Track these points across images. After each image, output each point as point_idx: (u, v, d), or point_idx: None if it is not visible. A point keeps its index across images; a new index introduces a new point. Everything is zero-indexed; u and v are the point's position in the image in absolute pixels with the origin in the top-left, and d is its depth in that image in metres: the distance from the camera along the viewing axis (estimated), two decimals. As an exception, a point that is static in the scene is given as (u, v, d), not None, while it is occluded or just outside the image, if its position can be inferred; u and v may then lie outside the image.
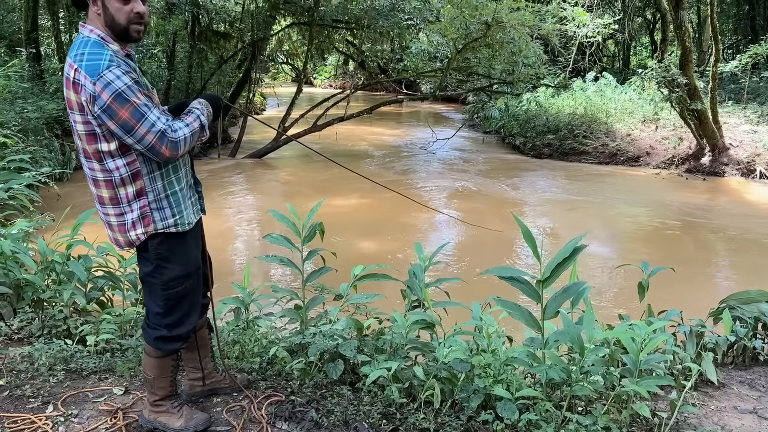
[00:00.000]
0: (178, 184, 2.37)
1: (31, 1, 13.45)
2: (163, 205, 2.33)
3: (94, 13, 2.20)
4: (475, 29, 12.13)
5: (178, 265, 2.38)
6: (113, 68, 2.10)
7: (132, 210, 2.29)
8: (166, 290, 2.39)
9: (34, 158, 8.44)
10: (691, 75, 11.95)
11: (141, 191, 2.28)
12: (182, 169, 2.40)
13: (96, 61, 2.11)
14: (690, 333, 3.54)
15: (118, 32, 2.21)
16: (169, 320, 2.42)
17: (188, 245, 2.44)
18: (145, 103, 2.14)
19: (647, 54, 24.93)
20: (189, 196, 2.45)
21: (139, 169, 2.25)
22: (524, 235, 2.76)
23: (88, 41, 2.17)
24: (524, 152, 15.43)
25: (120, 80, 2.10)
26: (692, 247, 8.34)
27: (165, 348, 2.43)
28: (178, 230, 2.36)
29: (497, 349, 2.88)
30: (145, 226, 2.31)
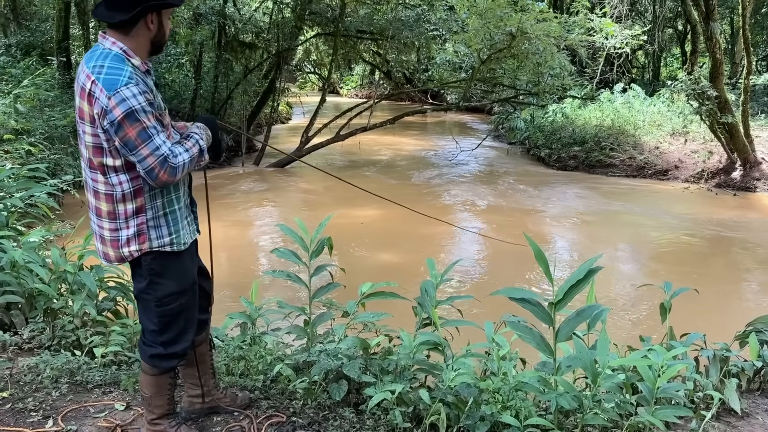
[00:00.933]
0: (177, 203, 2.35)
1: (63, 11, 13.74)
2: (161, 223, 2.30)
3: (143, 29, 2.21)
4: (499, 40, 12.04)
5: (172, 281, 2.34)
6: (131, 86, 2.09)
7: (128, 227, 2.27)
8: (160, 307, 2.35)
9: (58, 165, 8.56)
10: (721, 87, 11.68)
11: (141, 208, 2.26)
12: (181, 188, 2.39)
13: (115, 76, 2.09)
14: (713, 358, 3.39)
15: (157, 48, 2.31)
16: (165, 338, 2.38)
17: (183, 262, 2.40)
18: (155, 125, 2.13)
19: (678, 65, 24.52)
20: (186, 216, 2.42)
21: (142, 186, 2.24)
22: (536, 255, 2.66)
23: (109, 54, 2.15)
24: (549, 164, 15.23)
25: (135, 99, 2.08)
26: (720, 266, 8.10)
27: (161, 366, 2.39)
28: (173, 249, 2.33)
29: (507, 372, 2.77)
30: (140, 243, 2.28)
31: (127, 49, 2.19)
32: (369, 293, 3.10)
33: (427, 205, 10.89)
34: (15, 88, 9.76)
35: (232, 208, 10.02)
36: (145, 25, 2.21)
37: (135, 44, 2.21)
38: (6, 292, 3.83)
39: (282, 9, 15.62)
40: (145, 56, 2.28)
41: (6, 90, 9.88)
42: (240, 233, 8.80)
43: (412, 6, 16.20)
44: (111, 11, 2.18)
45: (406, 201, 11.06)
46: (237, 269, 7.33)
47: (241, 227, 9.10)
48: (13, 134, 7.80)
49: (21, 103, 8.90)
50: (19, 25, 16.34)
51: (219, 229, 8.36)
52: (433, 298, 3.19)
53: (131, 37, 2.20)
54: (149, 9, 2.19)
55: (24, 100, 9.30)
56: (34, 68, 12.14)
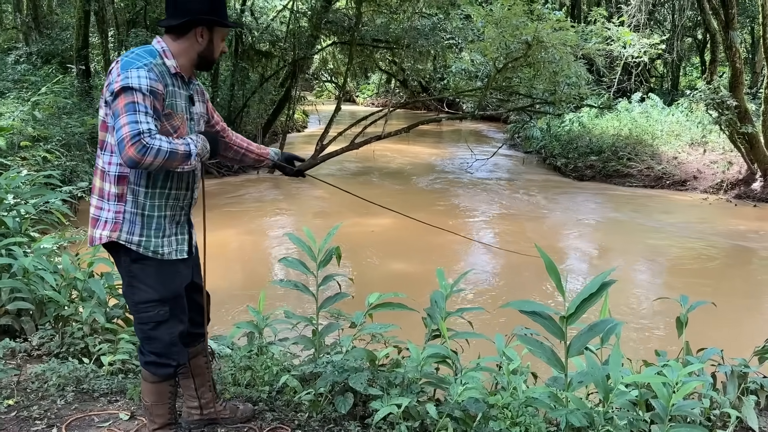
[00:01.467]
0: (158, 211, 2.36)
1: (83, 20, 13.91)
2: (136, 221, 2.32)
3: (192, 40, 2.34)
4: (515, 49, 11.98)
5: (149, 288, 2.34)
6: (142, 70, 2.17)
7: (109, 210, 2.32)
8: (138, 313, 2.37)
9: (74, 172, 8.62)
10: (741, 97, 11.52)
11: (122, 196, 2.31)
12: (170, 203, 2.39)
13: (134, 60, 2.21)
14: (731, 374, 3.30)
15: (203, 62, 2.40)
16: (153, 349, 2.38)
17: (165, 272, 2.38)
18: (147, 107, 2.15)
19: (697, 75, 24.28)
20: (172, 231, 2.43)
21: (127, 176, 2.29)
22: (547, 267, 2.60)
23: (147, 47, 2.32)
24: (566, 174, 15.11)
25: (138, 79, 2.15)
26: (739, 279, 7.94)
27: (158, 373, 2.39)
28: (139, 252, 2.33)
29: (518, 387, 2.71)
30: (111, 230, 2.31)
31: (167, 50, 2.32)
32: (376, 304, 3.06)
33: (440, 214, 10.84)
34: (34, 96, 9.88)
35: (244, 215, 10.03)
36: (194, 37, 2.34)
37: (179, 50, 2.34)
38: (17, 299, 3.84)
39: (299, 18, 15.70)
40: (190, 66, 2.39)
41: (25, 97, 10.01)
42: (252, 241, 8.80)
43: (428, 15, 16.22)
44: (168, 18, 2.35)
45: (419, 209, 11.08)
46: (248, 277, 7.31)
47: (253, 235, 9.10)
48: (30, 141, 7.88)
49: (39, 110, 9.00)
50: (40, 34, 16.57)
51: (231, 236, 8.37)
52: (443, 309, 3.14)
53: (178, 43, 2.34)
54: (199, 22, 2.32)
55: (42, 108, 9.39)
56: (54, 76, 12.30)
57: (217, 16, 2.36)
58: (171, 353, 2.39)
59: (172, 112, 2.28)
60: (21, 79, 12.45)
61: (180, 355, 2.43)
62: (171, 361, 2.40)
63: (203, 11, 2.32)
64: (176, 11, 2.32)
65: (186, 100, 2.39)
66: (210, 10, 2.33)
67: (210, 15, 2.33)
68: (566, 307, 2.56)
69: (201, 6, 2.32)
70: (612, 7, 20.47)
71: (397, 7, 15.73)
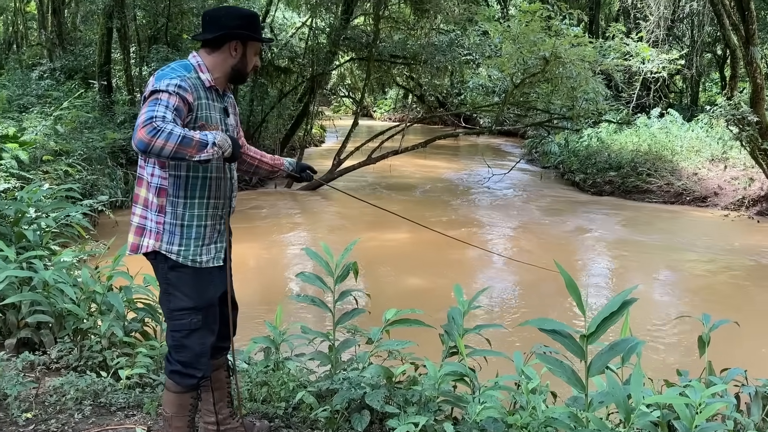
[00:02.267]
0: (197, 220, 2.42)
1: (105, 36, 14.15)
2: (175, 231, 2.39)
3: (226, 54, 2.42)
4: (533, 64, 11.98)
5: (184, 296, 2.40)
6: (174, 80, 2.25)
7: (152, 220, 2.40)
8: (172, 320, 2.43)
9: (95, 186, 8.73)
10: (762, 113, 11.38)
11: (162, 208, 2.38)
12: (210, 212, 2.46)
13: (169, 73, 2.29)
14: (755, 395, 3.22)
15: (237, 76, 2.48)
16: (180, 357, 2.42)
17: (201, 280, 2.44)
18: (169, 103, 2.19)
19: (717, 90, 24.08)
20: (212, 240, 2.48)
21: (166, 189, 2.37)
22: (567, 285, 2.57)
23: (182, 62, 2.41)
24: (584, 189, 15.01)
25: (170, 85, 2.23)
26: (762, 298, 7.80)
27: (182, 383, 2.41)
28: (178, 261, 2.39)
29: (537, 407, 2.67)
30: (155, 240, 2.39)
31: (202, 64, 2.41)
32: (393, 320, 3.04)
33: (457, 228, 10.80)
34: (56, 110, 10.05)
35: (262, 229, 10.07)
36: (228, 51, 2.42)
37: (214, 64, 2.42)
38: (36, 312, 3.88)
39: (317, 35, 15.84)
40: (224, 80, 2.47)
41: (48, 112, 10.18)
42: (268, 255, 8.82)
43: (445, 31, 16.29)
44: (203, 32, 2.44)
45: (436, 223, 11.06)
46: (265, 291, 7.32)
47: (269, 249, 9.12)
48: (52, 155, 8.00)
49: (61, 124, 9.14)
50: (64, 50, 16.88)
51: (248, 249, 8.40)
52: (460, 326, 3.11)
53: (212, 57, 2.42)
54: (233, 36, 2.40)
55: (64, 122, 9.55)
56: (76, 91, 12.50)
57: (250, 31, 2.44)
58: (198, 363, 2.43)
59: (205, 124, 2.35)
60: (44, 95, 12.68)
61: (206, 367, 2.47)
62: (196, 371, 2.43)
63: (237, 26, 2.40)
64: (211, 26, 2.41)
65: (221, 113, 2.47)
66: (244, 26, 2.42)
67: (244, 30, 2.41)
68: (586, 325, 2.52)
69: (235, 21, 2.41)
70: (630, 23, 20.42)
71: (414, 23, 15.83)
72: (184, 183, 2.37)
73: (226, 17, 2.42)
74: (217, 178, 2.45)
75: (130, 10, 13.67)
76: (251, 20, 2.47)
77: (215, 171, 2.44)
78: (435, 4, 14.86)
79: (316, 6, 15.41)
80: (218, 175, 2.45)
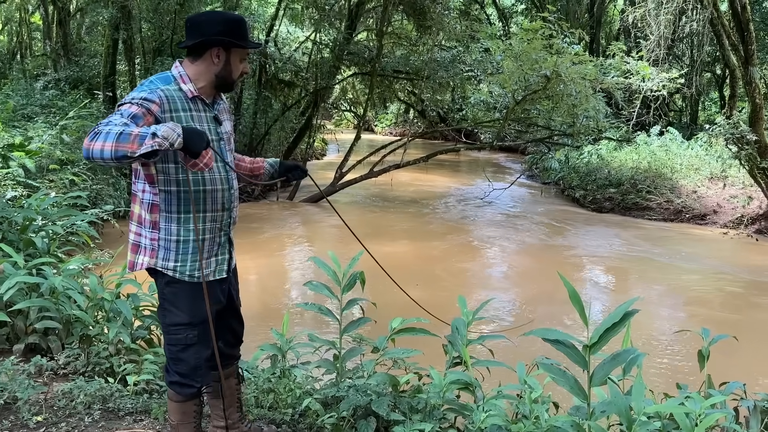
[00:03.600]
0: (192, 235, 2.38)
1: (111, 48, 14.29)
2: (170, 247, 2.36)
3: (208, 61, 2.36)
4: (534, 82, 12.10)
5: (180, 311, 2.39)
6: (143, 92, 2.23)
7: (146, 237, 2.38)
8: (168, 334, 2.43)
9: (99, 195, 8.80)
10: (761, 132, 11.49)
11: (155, 224, 2.35)
12: (208, 225, 2.42)
13: (142, 87, 2.29)
14: (754, 409, 3.27)
15: (223, 83, 2.40)
16: (178, 369, 2.43)
17: (197, 296, 2.39)
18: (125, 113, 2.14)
19: (716, 110, 24.25)
20: (212, 253, 2.46)
21: (158, 205, 2.33)
22: (570, 296, 2.62)
23: (163, 74, 2.37)
24: (584, 205, 15.09)
25: (134, 98, 2.21)
26: (761, 315, 7.85)
27: (182, 392, 2.44)
28: (175, 277, 2.38)
29: (540, 416, 2.72)
30: (150, 257, 2.37)
31: (184, 74, 2.35)
32: (399, 329, 3.09)
33: (458, 242, 10.86)
34: (62, 120, 10.14)
35: (264, 240, 10.12)
36: (210, 58, 2.35)
37: (197, 73, 2.37)
38: (44, 318, 3.93)
39: (321, 49, 16.00)
40: (210, 88, 2.40)
41: (53, 122, 10.27)
42: (271, 266, 8.86)
43: (447, 48, 16.45)
44: (186, 38, 2.39)
45: (436, 237, 11.10)
46: (265, 301, 7.37)
47: (272, 259, 9.17)
48: (58, 164, 8.07)
49: (66, 134, 9.22)
50: (68, 61, 17.02)
51: (250, 260, 8.44)
52: (464, 336, 3.17)
53: (195, 66, 2.37)
54: (213, 43, 2.33)
55: (69, 132, 9.63)
56: (81, 101, 12.60)
57: (232, 37, 2.34)
58: (195, 376, 2.44)
59: None
60: (49, 104, 12.78)
61: (204, 377, 2.48)
62: (194, 383, 2.45)
63: (218, 32, 2.32)
64: (192, 32, 2.34)
65: (210, 122, 2.41)
66: (225, 32, 2.33)
67: (225, 36, 2.33)
68: (589, 335, 2.58)
69: (216, 27, 2.33)
70: (631, 42, 20.60)
71: (417, 39, 16.00)
72: (175, 198, 2.32)
73: (207, 23, 2.34)
74: (213, 190, 2.38)
75: (137, 22, 13.81)
76: (234, 25, 2.37)
77: (210, 183, 2.37)
78: (437, 21, 15.01)
79: (319, 21, 15.58)
80: (214, 187, 2.39)
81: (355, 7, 14.98)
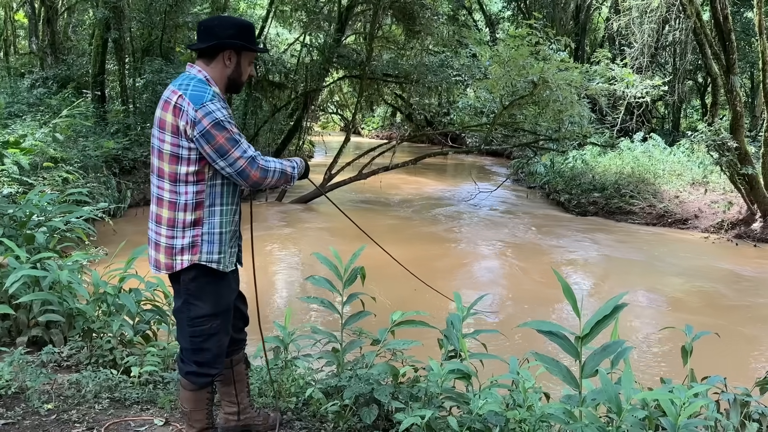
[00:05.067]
0: (229, 226, 2.51)
1: (100, 47, 14.28)
2: (214, 240, 2.46)
3: (221, 64, 2.48)
4: (521, 87, 12.31)
5: (206, 303, 2.48)
6: (215, 101, 2.35)
7: (184, 236, 2.43)
8: (192, 327, 2.50)
9: (91, 194, 8.82)
10: (741, 139, 11.79)
11: (198, 221, 2.43)
12: (234, 218, 2.56)
13: (200, 93, 2.37)
14: (734, 401, 3.43)
15: (233, 85, 2.55)
16: (197, 358, 2.51)
17: (220, 287, 2.52)
18: (239, 134, 2.37)
19: (698, 117, 24.71)
20: (233, 243, 2.58)
21: (204, 201, 2.43)
22: (564, 290, 2.77)
23: (194, 78, 2.44)
24: (569, 209, 15.33)
25: (220, 112, 2.34)
26: (740, 315, 8.08)
27: (197, 382, 2.52)
28: (219, 268, 2.47)
29: (533, 404, 2.86)
30: (192, 254, 2.44)
31: (209, 78, 2.47)
32: (400, 321, 3.22)
33: (444, 244, 11.02)
34: (52, 118, 10.15)
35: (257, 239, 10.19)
36: (222, 60, 2.48)
37: (214, 75, 2.49)
38: (47, 311, 4.00)
39: (311, 52, 16.11)
40: (223, 89, 2.52)
41: (42, 120, 10.27)
42: (266, 263, 8.94)
43: (436, 52, 16.63)
44: (199, 41, 2.49)
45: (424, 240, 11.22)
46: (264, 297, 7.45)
47: (267, 257, 9.25)
48: (51, 162, 8.10)
49: (59, 132, 9.24)
50: (56, 59, 16.95)
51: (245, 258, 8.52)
52: (459, 330, 3.30)
53: (211, 68, 2.48)
54: (227, 46, 2.45)
55: (60, 130, 9.65)
56: (69, 100, 12.59)
57: (244, 40, 2.48)
58: (216, 363, 2.54)
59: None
60: (36, 103, 12.75)
61: (222, 365, 2.60)
62: (212, 370, 2.54)
63: (231, 36, 2.45)
64: (206, 36, 2.45)
65: None
66: (237, 35, 2.47)
67: (237, 39, 2.46)
68: (581, 328, 2.72)
69: (229, 31, 2.46)
70: (615, 50, 20.95)
71: (404, 44, 16.16)
72: (219, 191, 2.44)
73: (220, 27, 2.45)
74: (236, 183, 2.50)
75: (128, 21, 13.82)
76: (245, 30, 2.50)
77: None
78: (426, 26, 15.19)
79: (308, 24, 15.70)
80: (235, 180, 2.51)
81: (345, 10, 15.12)
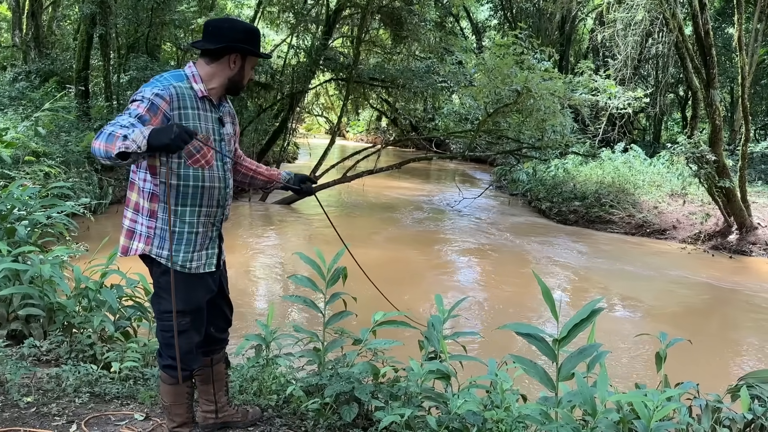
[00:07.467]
0: (188, 227, 2.50)
1: (85, 42, 14.16)
2: (165, 236, 2.47)
3: (225, 65, 2.49)
4: (506, 95, 12.44)
5: (176, 299, 2.46)
6: (153, 88, 2.34)
7: (142, 224, 2.48)
8: (160, 321, 2.54)
9: (73, 189, 8.75)
10: (720, 153, 12.01)
11: (153, 213, 2.47)
12: (202, 219, 2.53)
13: (155, 82, 2.39)
14: (706, 407, 3.52)
15: (233, 87, 2.55)
16: (171, 353, 2.51)
17: (191, 285, 2.53)
18: (138, 113, 2.26)
19: (678, 130, 25.09)
20: (204, 246, 2.56)
21: (156, 194, 2.45)
22: (543, 293, 2.83)
23: (176, 72, 2.48)
24: (550, 217, 15.49)
25: (144, 92, 2.33)
26: (714, 324, 8.24)
27: (175, 375, 2.53)
28: (168, 266, 2.46)
29: (511, 405, 2.91)
30: (144, 244, 2.48)
31: (197, 74, 2.48)
32: (382, 321, 3.26)
33: (423, 246, 11.08)
34: (34, 112, 10.06)
35: (239, 240, 10.18)
36: (227, 62, 2.49)
37: (210, 74, 2.49)
38: (27, 305, 3.98)
39: (297, 53, 16.13)
40: (220, 90, 2.53)
41: (25, 114, 10.18)
42: (249, 262, 8.94)
43: (422, 58, 16.75)
44: (204, 41, 2.50)
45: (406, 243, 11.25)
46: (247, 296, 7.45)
47: (249, 257, 9.24)
48: (33, 156, 8.03)
49: (42, 126, 9.16)
50: (39, 53, 16.78)
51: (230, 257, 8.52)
52: (440, 332, 3.35)
53: (210, 67, 2.49)
54: (234, 49, 2.47)
55: (43, 124, 9.57)
56: (52, 94, 12.48)
57: (251, 45, 2.51)
58: (187, 360, 2.55)
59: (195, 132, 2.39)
60: (18, 96, 12.61)
61: (194, 362, 2.60)
62: (186, 366, 2.56)
63: (239, 39, 2.47)
64: (214, 36, 2.47)
65: (214, 122, 2.53)
66: (245, 39, 2.49)
67: (245, 44, 2.49)
68: (559, 330, 2.78)
69: (238, 35, 2.48)
70: (599, 61, 21.25)
71: (391, 49, 16.26)
72: (175, 192, 2.43)
73: (229, 29, 2.47)
74: (210, 187, 2.50)
75: (115, 17, 13.73)
76: (252, 35, 2.52)
77: (209, 180, 2.49)
78: (413, 32, 15.31)
79: (296, 25, 15.72)
80: (212, 185, 2.51)
81: (333, 13, 15.17)
